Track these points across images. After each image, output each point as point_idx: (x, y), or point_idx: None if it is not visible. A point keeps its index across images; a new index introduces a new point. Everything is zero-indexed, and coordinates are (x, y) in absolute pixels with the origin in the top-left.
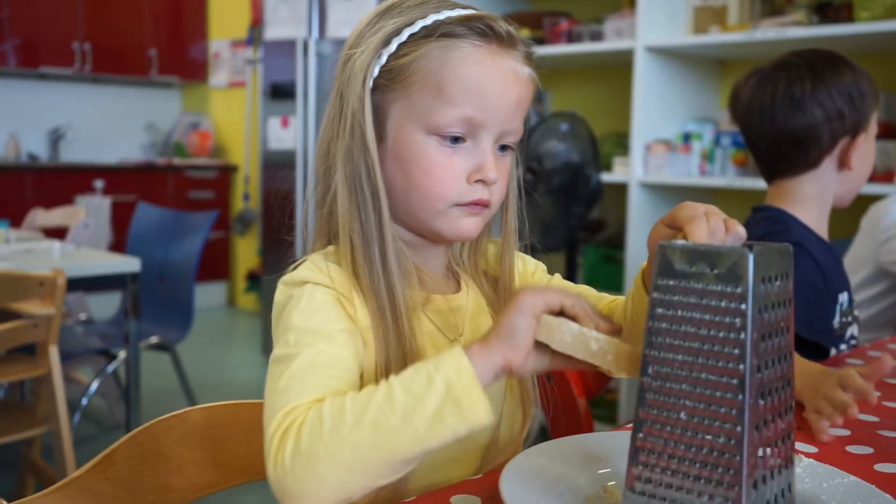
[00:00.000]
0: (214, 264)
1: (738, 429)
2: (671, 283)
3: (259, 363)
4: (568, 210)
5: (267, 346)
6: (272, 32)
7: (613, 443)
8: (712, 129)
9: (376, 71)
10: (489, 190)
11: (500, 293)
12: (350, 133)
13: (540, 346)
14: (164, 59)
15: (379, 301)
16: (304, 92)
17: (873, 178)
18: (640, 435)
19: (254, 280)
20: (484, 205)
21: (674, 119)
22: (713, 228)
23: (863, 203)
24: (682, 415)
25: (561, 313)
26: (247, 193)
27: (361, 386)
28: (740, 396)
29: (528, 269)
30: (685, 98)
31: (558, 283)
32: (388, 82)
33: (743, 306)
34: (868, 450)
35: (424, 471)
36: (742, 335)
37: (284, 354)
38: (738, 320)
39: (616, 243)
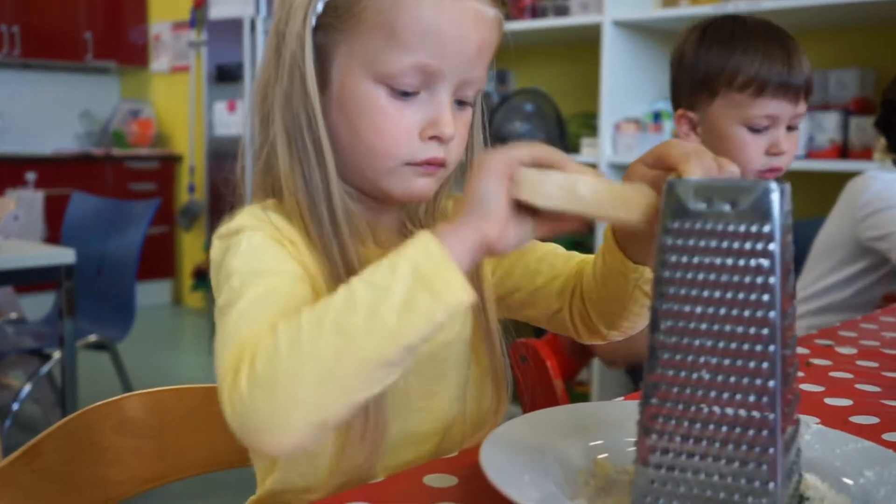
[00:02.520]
0: (158, 261)
1: (772, 384)
2: (685, 225)
3: (208, 365)
4: None
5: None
6: (217, 12)
7: (604, 413)
8: None
9: (320, 7)
10: (445, 148)
11: None
12: (289, 77)
13: (520, 212)
14: (101, 42)
15: (332, 264)
16: (251, 73)
17: (851, 154)
18: (654, 401)
19: (201, 277)
20: (439, 164)
21: (644, 97)
22: (707, 168)
23: (837, 180)
24: (704, 374)
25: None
26: (192, 184)
27: None
28: (772, 347)
29: None
30: (655, 75)
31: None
32: (334, 21)
33: (771, 246)
34: (874, 419)
35: (387, 452)
36: (771, 279)
37: (230, 300)
38: (765, 262)
39: (585, 229)
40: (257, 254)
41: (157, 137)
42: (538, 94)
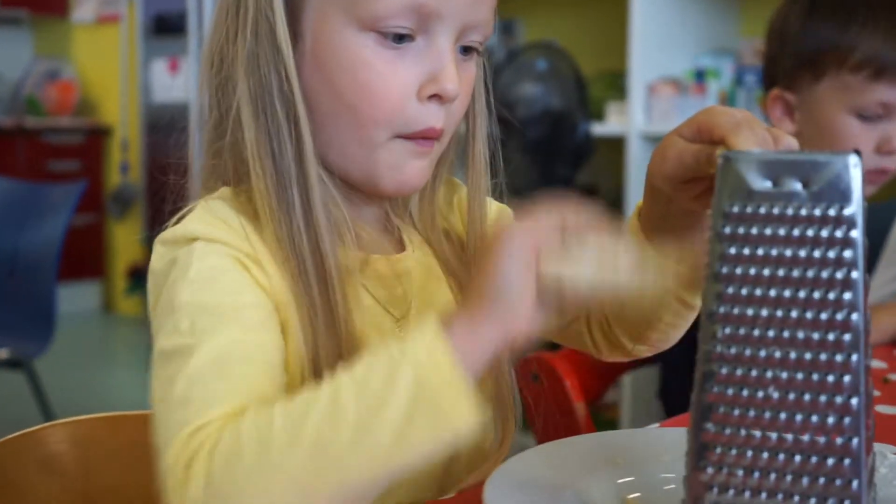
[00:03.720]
0: (84, 258)
1: (854, 402)
2: (747, 209)
3: (144, 383)
4: (548, 171)
5: None
6: None
7: (636, 443)
8: (732, 64)
9: None
10: (447, 110)
11: (468, 254)
12: (253, 32)
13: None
14: None
15: (300, 265)
16: (198, 23)
17: None
18: (710, 426)
19: (137, 277)
20: (434, 137)
21: (684, 51)
22: (761, 139)
23: None
24: (772, 391)
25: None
26: (125, 163)
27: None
28: (854, 356)
29: (490, 215)
30: (699, 23)
31: None
32: None
33: (853, 233)
34: None
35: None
36: (854, 273)
37: (176, 347)
38: (847, 253)
39: (611, 213)
40: (212, 282)
41: (80, 105)
42: (552, 48)
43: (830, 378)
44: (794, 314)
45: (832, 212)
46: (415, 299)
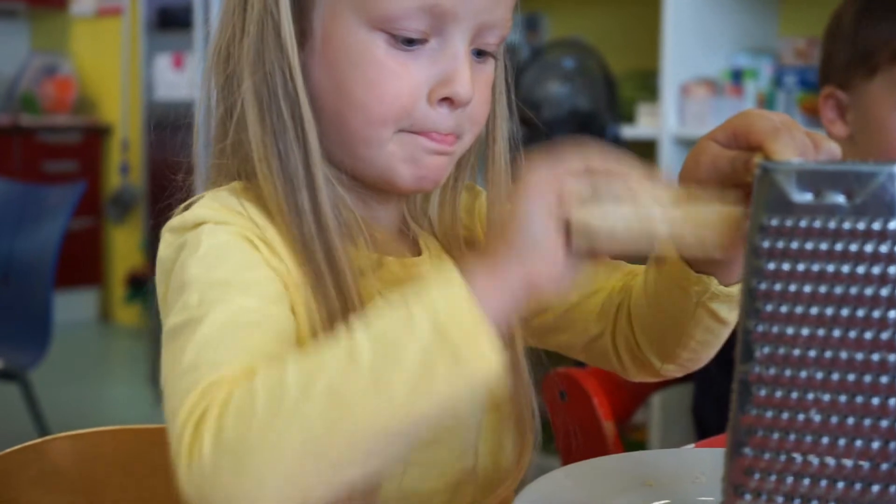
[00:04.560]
0: (82, 265)
1: None
2: (786, 222)
3: (145, 398)
4: None
5: (156, 373)
6: None
7: (669, 463)
8: (771, 64)
9: None
10: (460, 115)
11: None
12: (259, 28)
13: (572, 245)
14: None
15: (316, 271)
16: (204, 17)
17: None
18: (748, 451)
19: (137, 285)
20: (449, 141)
21: (719, 50)
22: (802, 146)
23: None
24: (814, 414)
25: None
26: (125, 164)
27: None
28: None
29: None
30: (736, 20)
31: None
32: None
33: None
34: None
35: None
36: None
37: (185, 321)
38: (892, 269)
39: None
40: (222, 258)
41: (79, 102)
42: (580, 45)
43: (875, 401)
44: (836, 333)
45: (876, 226)
46: None
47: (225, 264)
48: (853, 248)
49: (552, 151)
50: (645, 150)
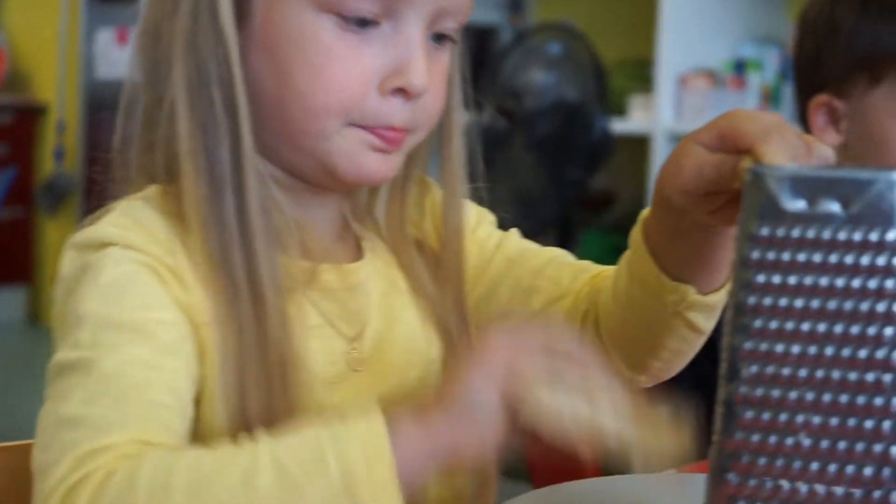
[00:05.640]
0: (10, 259)
1: (895, 451)
2: (778, 232)
3: None
4: (559, 173)
5: None
6: None
7: (649, 490)
8: (778, 55)
9: None
10: (414, 107)
11: (442, 268)
12: (193, 9)
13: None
14: None
15: (230, 279)
16: None
17: None
18: (732, 477)
19: None
20: (398, 138)
21: (721, 39)
22: (793, 149)
23: None
24: (803, 438)
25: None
26: (60, 149)
27: (198, 418)
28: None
29: (468, 222)
30: (738, 8)
31: (513, 246)
32: None
33: None
34: None
35: None
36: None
37: (74, 361)
38: (889, 283)
39: (631, 225)
40: (122, 294)
41: (10, 78)
42: (568, 30)
43: (868, 424)
44: (828, 351)
45: (873, 236)
46: (371, 315)
47: (124, 301)
48: (848, 259)
49: (514, 324)
50: (636, 147)
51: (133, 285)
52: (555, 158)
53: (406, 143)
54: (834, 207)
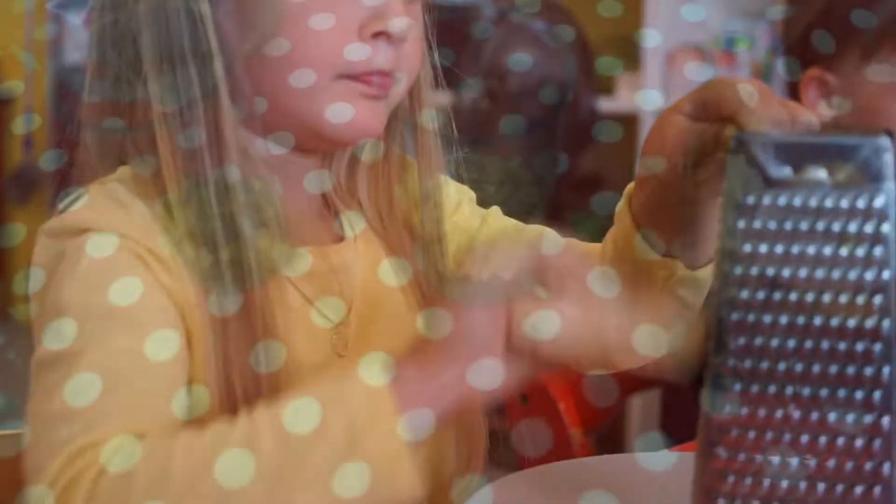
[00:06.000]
0: None
1: (886, 421)
2: (763, 200)
3: None
4: (543, 156)
5: None
6: None
7: (635, 469)
8: (768, 31)
9: None
10: (398, 52)
11: (420, 236)
12: None
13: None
14: None
15: (212, 257)
16: None
17: None
18: (721, 451)
19: None
20: (385, 83)
21: (710, 16)
22: (777, 116)
23: None
24: (793, 410)
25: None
26: (28, 138)
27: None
28: (886, 369)
29: (448, 200)
30: None
31: (495, 224)
32: None
33: (885, 227)
34: None
35: None
36: (885, 273)
37: (59, 354)
38: (878, 250)
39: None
40: (103, 281)
41: None
42: (552, 6)
43: (859, 394)
44: (817, 322)
45: (861, 203)
46: (356, 299)
47: (106, 289)
48: (835, 227)
49: (501, 247)
50: (624, 127)
51: (115, 271)
52: (540, 141)
53: (392, 94)
54: (820, 174)
